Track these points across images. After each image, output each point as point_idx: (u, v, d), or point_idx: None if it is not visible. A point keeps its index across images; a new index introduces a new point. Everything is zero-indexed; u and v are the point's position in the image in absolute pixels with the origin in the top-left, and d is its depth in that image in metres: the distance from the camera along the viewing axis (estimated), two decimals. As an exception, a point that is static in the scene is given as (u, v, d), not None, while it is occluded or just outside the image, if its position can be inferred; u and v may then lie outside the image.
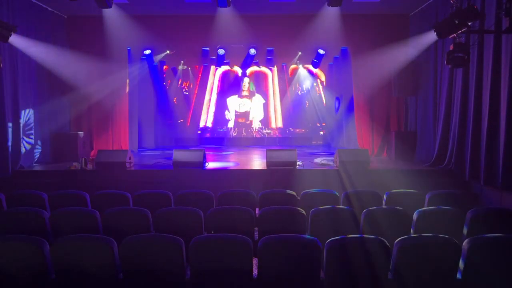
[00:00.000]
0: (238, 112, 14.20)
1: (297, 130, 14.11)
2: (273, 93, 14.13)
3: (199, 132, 14.10)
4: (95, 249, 3.33)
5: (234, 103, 14.23)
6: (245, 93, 14.18)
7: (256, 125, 14.16)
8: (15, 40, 7.38)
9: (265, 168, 7.83)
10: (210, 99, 14.15)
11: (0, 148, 7.42)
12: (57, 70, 8.98)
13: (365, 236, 3.55)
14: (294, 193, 5.31)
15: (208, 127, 14.13)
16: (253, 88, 14.14)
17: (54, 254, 3.33)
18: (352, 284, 3.32)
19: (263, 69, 13.89)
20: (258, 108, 14.22)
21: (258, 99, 14.25)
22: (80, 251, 3.34)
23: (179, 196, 5.27)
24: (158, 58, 12.54)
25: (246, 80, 14.13)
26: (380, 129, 10.16)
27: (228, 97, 14.20)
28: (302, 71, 13.88)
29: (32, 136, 8.56)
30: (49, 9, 9.17)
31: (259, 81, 14.16)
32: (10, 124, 7.67)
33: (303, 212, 4.31)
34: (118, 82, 10.26)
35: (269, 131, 14.07)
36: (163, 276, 3.34)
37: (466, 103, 7.16)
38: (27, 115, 8.38)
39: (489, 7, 6.26)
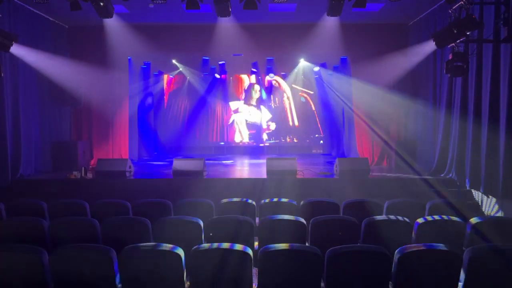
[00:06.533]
0: (248, 121, 14.19)
1: (295, 139, 14.12)
2: (288, 98, 14.18)
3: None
4: (95, 258, 3.31)
5: (244, 110, 14.19)
6: (253, 101, 14.18)
7: (265, 137, 14.18)
8: (16, 49, 7.43)
9: (265, 176, 7.82)
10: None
11: (0, 157, 7.43)
12: (57, 79, 9.02)
13: (365, 245, 3.54)
14: (294, 202, 5.30)
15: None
16: (265, 96, 14.15)
17: (53, 264, 3.32)
18: (353, 294, 3.30)
19: (277, 77, 13.96)
20: (265, 120, 14.27)
21: (265, 112, 14.23)
22: (79, 260, 3.32)
23: (178, 205, 5.26)
24: (173, 74, 13.06)
25: (257, 87, 14.12)
26: (380, 138, 10.17)
27: (231, 101, 14.15)
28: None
29: (32, 145, 8.56)
30: (51, 19, 9.24)
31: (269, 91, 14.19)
32: (10, 133, 7.68)
33: (303, 221, 4.30)
34: (118, 91, 10.30)
35: (271, 141, 14.06)
36: (162, 285, 3.32)
37: (466, 112, 7.18)
38: (27, 123, 8.38)
39: (487, 16, 6.30)
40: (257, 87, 14.09)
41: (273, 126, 14.15)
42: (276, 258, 3.29)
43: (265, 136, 14.15)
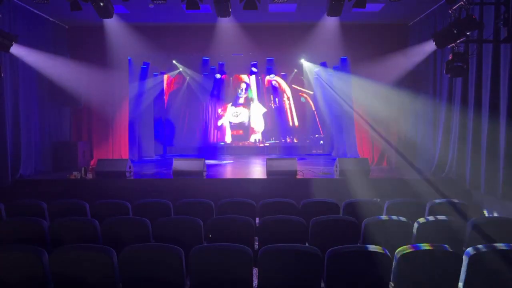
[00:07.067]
0: (233, 123, 14.15)
1: (295, 140, 14.13)
2: (288, 99, 14.19)
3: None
4: (95, 258, 3.31)
5: (228, 113, 14.16)
6: (241, 100, 14.14)
7: (258, 137, 14.14)
8: (16, 50, 7.43)
9: (265, 177, 7.82)
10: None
11: (0, 157, 7.42)
12: (58, 79, 9.01)
13: (365, 245, 3.54)
14: (294, 202, 5.30)
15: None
16: (251, 95, 14.12)
17: (53, 264, 3.32)
18: (353, 294, 3.30)
19: (277, 78, 13.97)
20: (258, 118, 14.19)
21: (257, 108, 14.20)
22: (80, 260, 3.32)
23: (178, 205, 5.26)
24: (173, 74, 13.12)
25: (243, 86, 14.08)
26: (380, 138, 10.17)
27: (221, 104, 14.09)
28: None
29: (32, 145, 8.56)
30: (51, 19, 9.24)
31: (260, 89, 14.16)
32: (10, 133, 7.68)
33: (304, 221, 4.30)
34: (118, 92, 10.30)
35: (271, 141, 14.05)
36: (162, 286, 3.32)
37: (466, 112, 7.18)
38: (27, 124, 8.37)
39: (487, 17, 6.30)
40: (243, 85, 14.05)
41: (259, 127, 14.09)
42: (276, 258, 3.29)
43: (255, 137, 14.10)
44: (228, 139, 14.07)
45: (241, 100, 14.08)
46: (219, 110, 14.01)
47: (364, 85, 9.94)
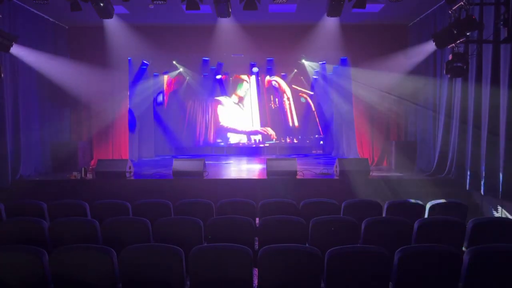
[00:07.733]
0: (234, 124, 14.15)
1: (295, 140, 14.13)
2: (288, 99, 14.20)
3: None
4: (95, 259, 3.31)
5: (236, 114, 14.15)
6: (234, 98, 14.13)
7: (258, 137, 14.14)
8: (17, 50, 7.43)
9: (265, 177, 7.82)
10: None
11: (0, 157, 7.42)
12: (58, 79, 9.02)
13: (365, 245, 3.54)
14: (294, 202, 5.29)
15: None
16: (243, 94, 14.08)
17: (53, 264, 3.32)
18: (353, 294, 3.30)
19: (277, 78, 13.96)
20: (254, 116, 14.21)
21: (251, 106, 14.19)
22: (80, 261, 3.32)
23: (178, 205, 5.25)
24: (173, 74, 13.14)
25: (246, 85, 14.06)
26: (380, 139, 10.18)
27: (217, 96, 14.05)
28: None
29: (32, 146, 8.55)
30: (51, 19, 9.25)
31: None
32: (10, 134, 7.68)
33: (304, 221, 4.30)
34: (118, 92, 10.30)
35: (271, 141, 14.05)
36: (162, 286, 3.32)
37: (466, 112, 7.18)
38: (27, 124, 8.38)
39: (487, 17, 6.30)
40: (246, 85, 14.03)
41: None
42: (276, 258, 3.29)
43: (255, 137, 14.12)
44: (229, 139, 14.08)
45: (235, 98, 14.06)
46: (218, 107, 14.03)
47: (363, 85, 9.95)
